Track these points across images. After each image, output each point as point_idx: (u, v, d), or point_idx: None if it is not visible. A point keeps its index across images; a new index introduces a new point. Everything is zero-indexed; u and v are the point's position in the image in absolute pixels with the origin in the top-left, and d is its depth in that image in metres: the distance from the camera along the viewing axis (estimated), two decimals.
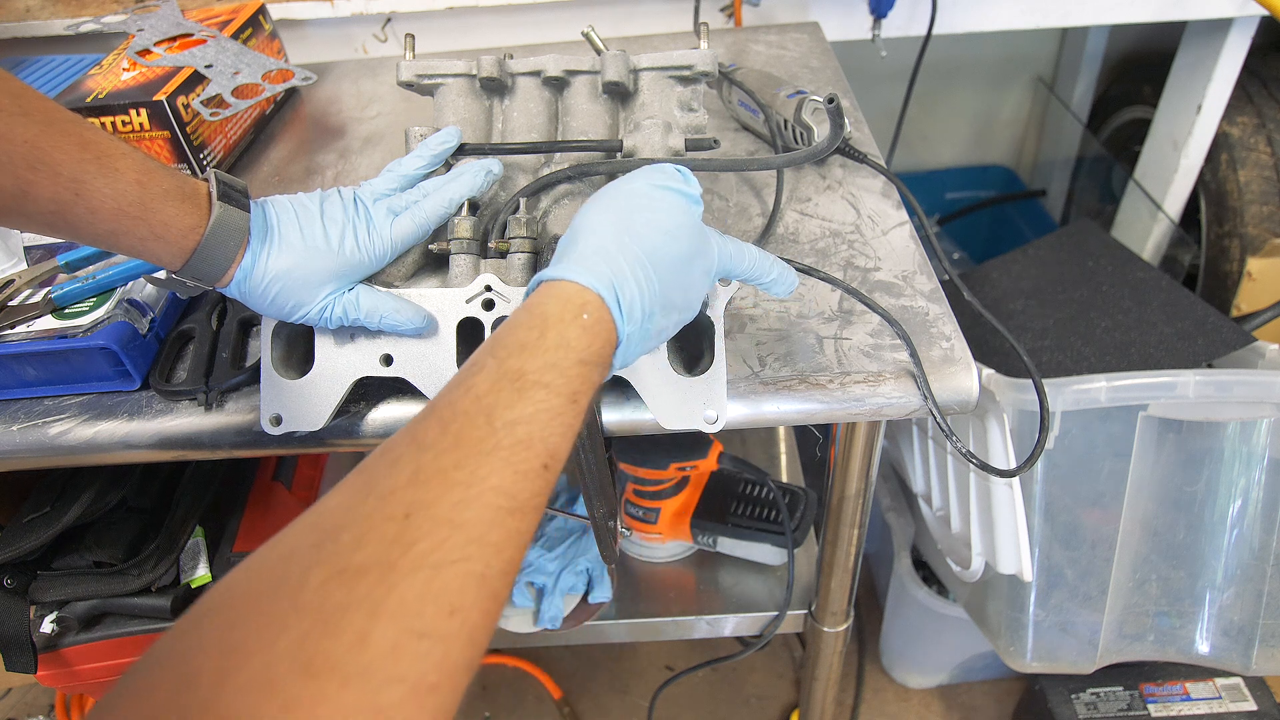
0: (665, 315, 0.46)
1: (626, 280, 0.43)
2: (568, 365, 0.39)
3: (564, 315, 0.41)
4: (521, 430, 0.36)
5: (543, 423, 0.37)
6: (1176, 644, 0.97)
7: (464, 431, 0.36)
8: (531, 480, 0.36)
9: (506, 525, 0.34)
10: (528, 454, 0.36)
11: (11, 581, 0.78)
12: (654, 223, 0.46)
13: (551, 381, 0.38)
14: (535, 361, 0.39)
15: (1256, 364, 0.96)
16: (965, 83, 1.73)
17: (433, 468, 0.34)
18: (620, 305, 0.42)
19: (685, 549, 1.00)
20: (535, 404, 0.37)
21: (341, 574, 0.30)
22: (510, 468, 0.35)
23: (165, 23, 0.93)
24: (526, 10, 1.14)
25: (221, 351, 0.64)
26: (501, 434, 0.36)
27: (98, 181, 0.47)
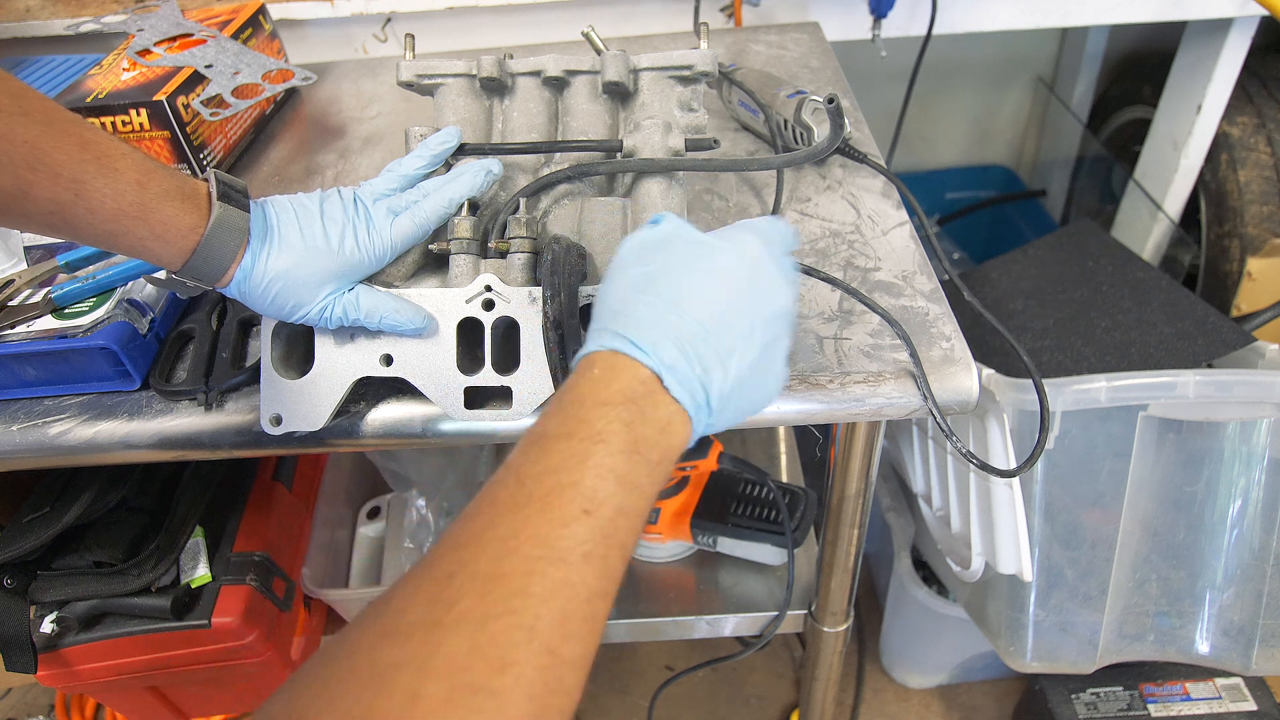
0: (730, 334, 0.43)
1: (629, 324, 0.41)
2: (584, 411, 0.39)
3: (576, 378, 0.41)
4: (550, 480, 0.36)
5: (570, 468, 0.37)
6: (1176, 644, 0.97)
7: (497, 495, 0.36)
8: (570, 527, 0.35)
9: (549, 575, 0.33)
10: (560, 501, 0.35)
11: (11, 581, 0.78)
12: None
13: (572, 431, 0.38)
14: (554, 420, 0.39)
15: (1256, 364, 0.96)
16: (965, 83, 1.73)
17: (470, 531, 0.35)
18: (638, 347, 0.41)
19: (685, 549, 1.00)
20: (559, 454, 0.37)
21: (391, 636, 0.31)
22: (544, 517, 0.35)
23: (165, 23, 0.93)
24: (526, 10, 1.14)
25: (221, 351, 0.64)
26: (531, 486, 0.36)
27: (97, 182, 0.47)
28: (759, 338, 0.43)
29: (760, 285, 0.44)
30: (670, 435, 0.40)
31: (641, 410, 0.39)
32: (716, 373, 0.41)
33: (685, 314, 0.41)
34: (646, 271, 0.44)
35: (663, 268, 0.44)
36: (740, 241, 0.45)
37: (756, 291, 0.44)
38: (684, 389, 0.40)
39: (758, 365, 0.44)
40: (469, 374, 0.56)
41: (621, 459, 0.38)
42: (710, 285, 0.43)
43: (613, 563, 0.36)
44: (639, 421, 0.39)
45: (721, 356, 0.42)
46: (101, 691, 0.87)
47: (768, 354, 0.44)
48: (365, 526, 1.04)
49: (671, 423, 0.40)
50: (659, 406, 0.40)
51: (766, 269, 0.45)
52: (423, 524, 0.96)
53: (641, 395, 0.40)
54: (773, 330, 0.45)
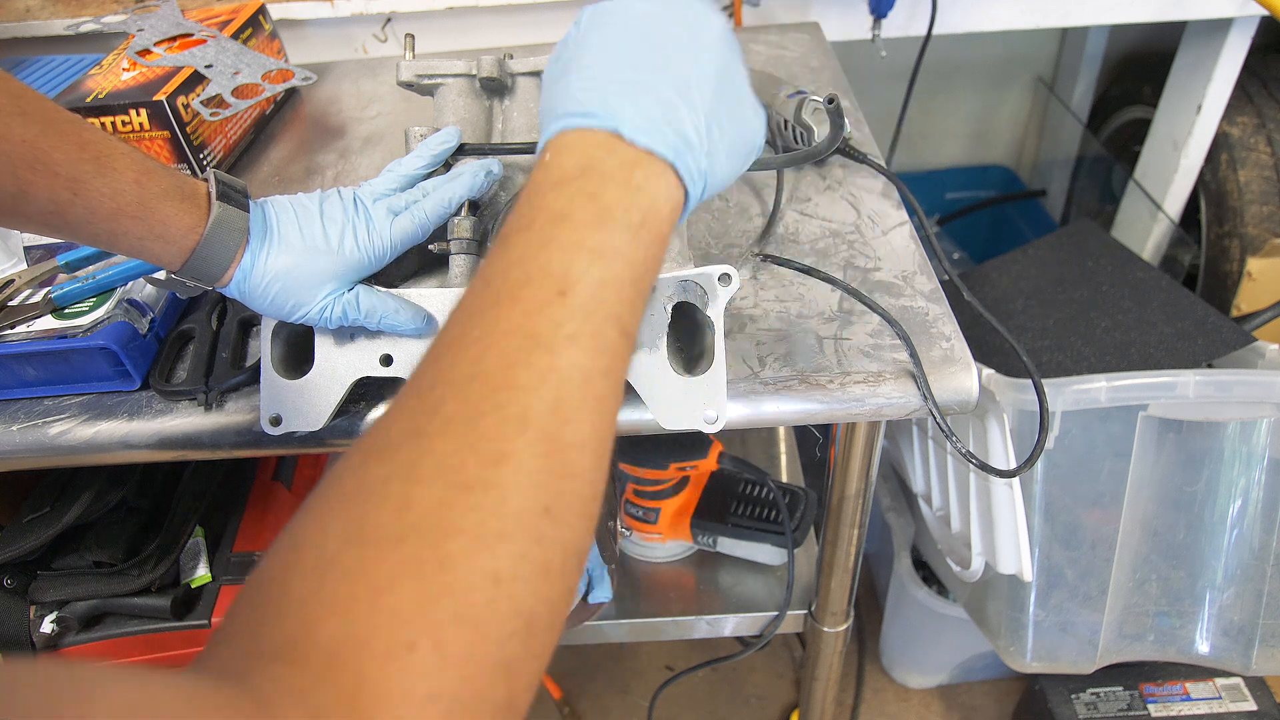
0: (675, 68, 0.39)
1: (575, 96, 0.38)
2: (539, 199, 0.36)
3: (540, 158, 0.38)
4: (516, 272, 0.34)
5: (534, 255, 0.34)
6: (1176, 644, 0.97)
7: (467, 302, 0.35)
8: (546, 311, 0.33)
9: (533, 364, 0.31)
10: (530, 289, 0.33)
11: (11, 581, 0.78)
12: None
13: (530, 220, 0.35)
14: (512, 221, 0.36)
15: (1256, 364, 0.96)
16: (965, 83, 1.73)
17: (444, 341, 0.33)
18: (582, 115, 0.37)
19: (685, 549, 1.00)
20: (519, 247, 0.35)
21: (378, 454, 0.30)
22: (516, 309, 0.33)
23: (165, 23, 0.93)
24: (526, 10, 1.14)
25: (221, 351, 0.64)
26: (498, 285, 0.34)
27: (96, 181, 0.47)
28: (711, 64, 0.40)
29: (686, 18, 0.41)
30: (646, 192, 0.37)
31: (605, 174, 0.36)
32: (680, 109, 0.38)
33: (623, 66, 0.38)
34: (565, 57, 0.41)
35: (578, 43, 0.41)
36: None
37: (684, 25, 0.41)
38: (649, 135, 0.37)
39: (721, 95, 0.40)
40: None
41: (590, 230, 0.35)
42: (635, 35, 0.40)
43: (606, 338, 0.34)
44: (605, 188, 0.36)
45: (677, 89, 0.38)
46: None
47: (726, 83, 0.41)
48: None
49: (648, 178, 0.37)
50: (627, 165, 0.37)
51: (682, 3, 0.42)
52: None
53: (601, 160, 0.36)
54: (720, 56, 0.41)
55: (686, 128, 0.38)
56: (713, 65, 0.41)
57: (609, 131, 0.37)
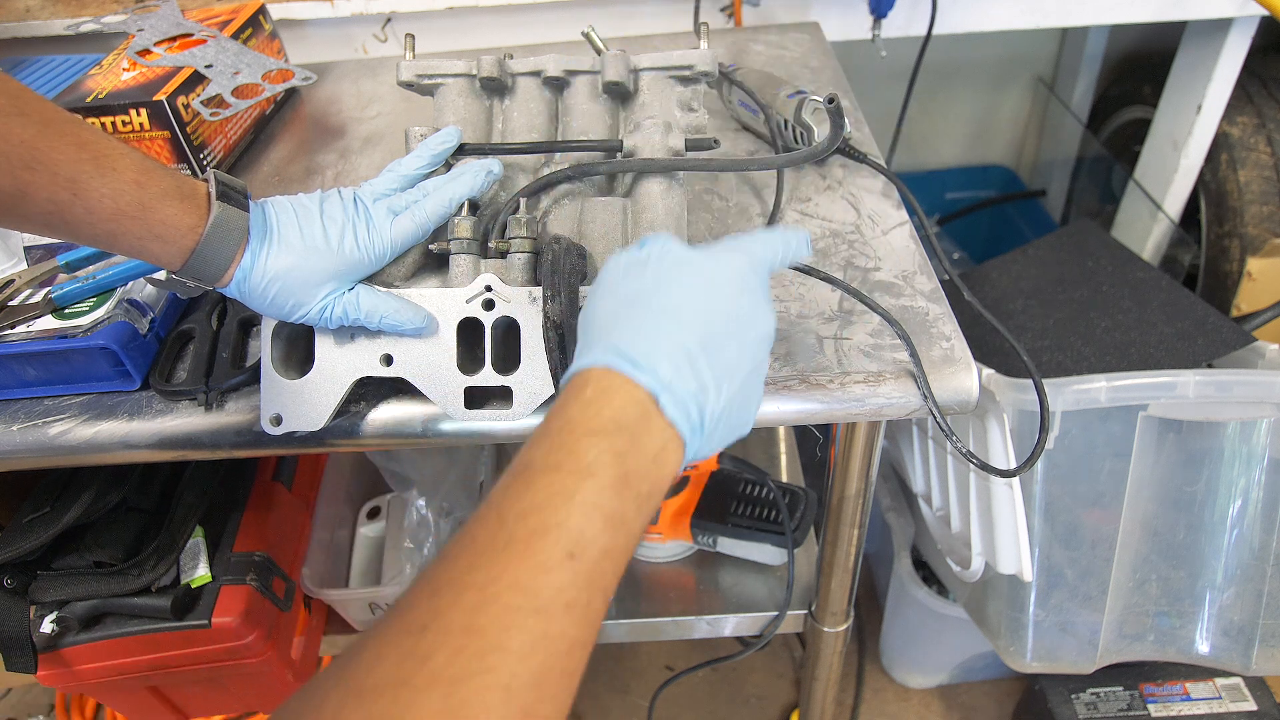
0: (721, 357, 0.41)
1: (626, 335, 0.39)
2: (573, 441, 0.36)
3: (566, 399, 0.39)
4: (533, 519, 0.34)
5: (555, 506, 0.34)
6: (1176, 644, 0.97)
7: (476, 535, 0.34)
8: (553, 573, 0.33)
9: (528, 628, 0.31)
10: (543, 544, 0.33)
11: (11, 581, 0.78)
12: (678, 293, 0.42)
13: (559, 463, 0.36)
14: (540, 449, 0.37)
15: (1256, 364, 0.96)
16: (965, 83, 1.73)
17: (446, 575, 0.33)
18: (634, 363, 0.38)
19: (685, 549, 1.00)
20: (544, 490, 0.35)
21: (358, 695, 0.29)
22: (525, 562, 0.33)
23: (165, 23, 0.93)
24: (526, 10, 1.14)
25: (221, 351, 0.64)
26: (513, 526, 0.34)
27: (95, 181, 0.47)
28: (748, 359, 0.42)
29: (747, 306, 0.43)
30: (662, 465, 0.38)
31: (635, 438, 0.37)
32: (711, 393, 0.40)
33: (683, 326, 0.40)
34: (637, 288, 0.42)
35: (653, 283, 0.42)
36: (728, 261, 0.44)
37: (744, 312, 0.43)
38: (680, 411, 0.38)
39: (745, 388, 0.42)
40: (469, 374, 0.56)
41: (610, 494, 0.35)
42: (704, 301, 0.41)
43: (595, 609, 0.34)
44: (631, 451, 0.37)
45: (716, 375, 0.40)
46: (101, 691, 0.87)
47: (753, 377, 0.43)
48: (365, 526, 1.04)
49: (665, 450, 0.38)
50: (653, 432, 0.38)
51: (753, 291, 0.44)
52: (423, 524, 0.96)
53: (635, 420, 0.37)
54: (758, 353, 0.43)
55: (708, 414, 0.40)
56: (751, 361, 0.42)
57: (650, 394, 0.38)
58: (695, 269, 0.43)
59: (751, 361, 0.42)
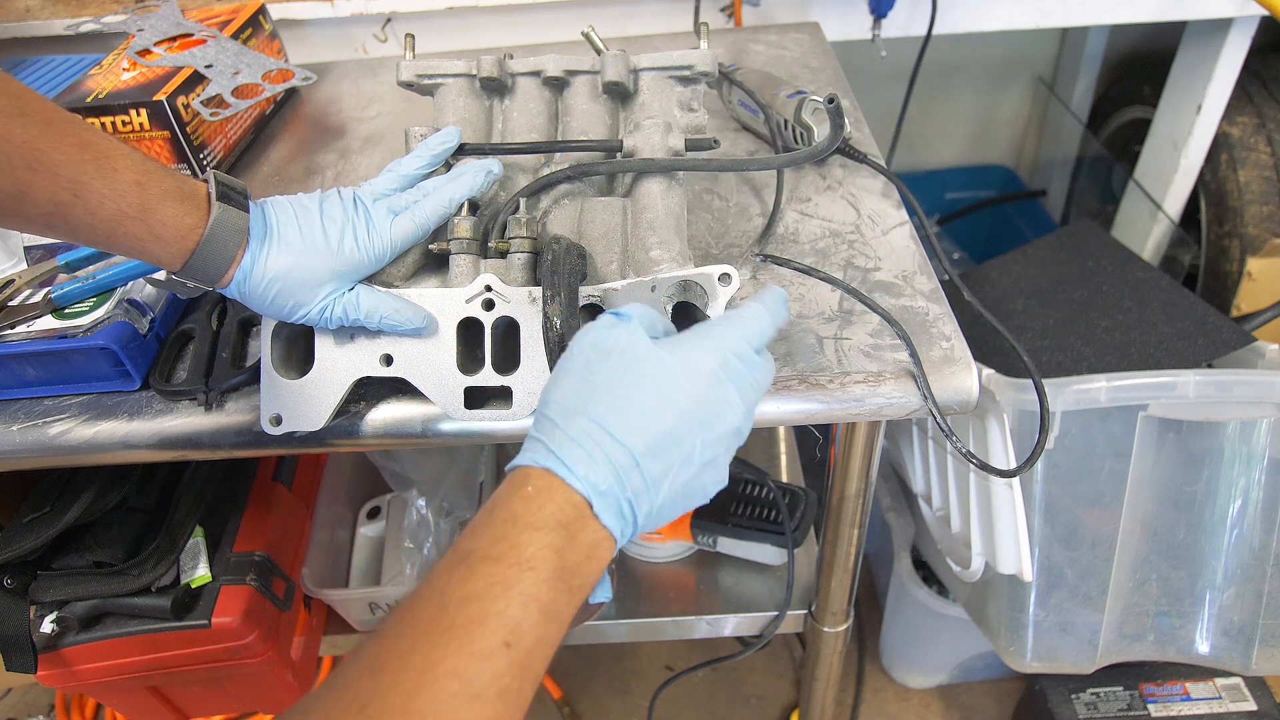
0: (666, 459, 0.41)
1: (565, 444, 0.40)
2: (516, 534, 0.38)
3: (509, 492, 0.40)
4: (474, 607, 0.35)
5: (495, 595, 0.36)
6: (1176, 644, 0.97)
7: (419, 616, 0.35)
8: (490, 661, 0.34)
9: (464, 714, 0.32)
10: (481, 631, 0.34)
11: (11, 581, 0.78)
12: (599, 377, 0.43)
13: (502, 554, 0.37)
14: (484, 538, 0.38)
15: (1256, 364, 0.96)
16: (965, 83, 1.73)
17: (389, 654, 0.34)
18: (571, 471, 0.40)
19: (685, 549, 1.00)
20: (485, 578, 0.36)
21: None
22: (464, 648, 0.34)
23: (165, 23, 0.93)
24: (526, 10, 1.14)
25: (221, 351, 0.64)
26: (454, 612, 0.35)
27: (96, 182, 0.47)
28: (699, 457, 0.42)
29: (709, 407, 0.43)
30: (594, 560, 0.40)
31: (571, 535, 0.39)
32: (646, 496, 0.41)
33: (620, 440, 0.40)
34: (591, 382, 0.42)
35: (606, 383, 0.42)
36: (698, 358, 0.43)
37: (704, 414, 0.42)
38: (613, 515, 0.40)
39: (692, 482, 0.43)
40: (469, 374, 0.56)
41: (547, 587, 0.37)
42: (652, 408, 0.41)
43: (525, 694, 0.36)
44: (568, 547, 0.38)
45: (654, 481, 0.41)
46: (101, 691, 0.87)
47: (707, 469, 0.43)
48: (365, 526, 1.04)
49: (598, 547, 0.40)
50: (587, 531, 0.40)
51: (719, 389, 0.43)
52: (423, 524, 0.96)
53: (572, 520, 0.39)
54: (716, 449, 0.43)
55: (645, 512, 0.41)
56: (708, 454, 0.43)
57: (585, 498, 0.39)
58: (658, 367, 0.43)
59: (708, 454, 0.43)
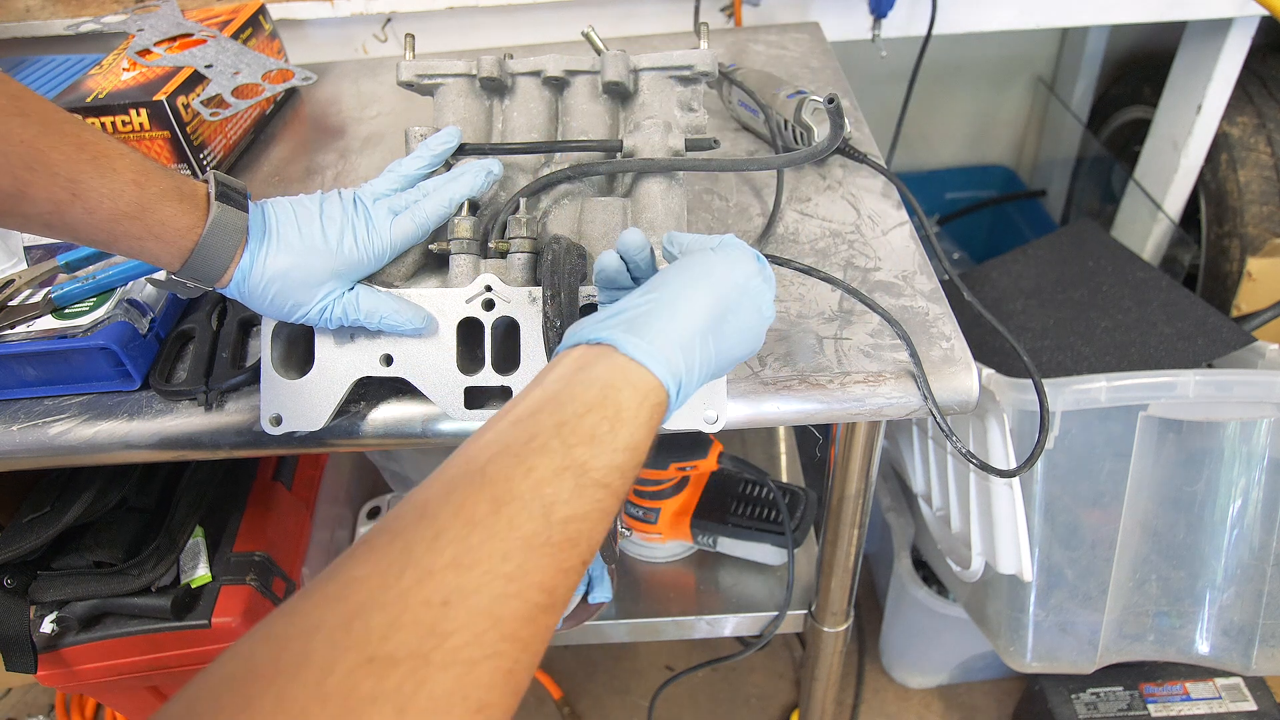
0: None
1: (693, 383, 0.43)
2: (630, 468, 0.38)
3: (639, 415, 0.39)
4: (574, 528, 0.35)
5: (594, 522, 0.36)
6: (1176, 644, 0.97)
7: (518, 519, 0.34)
8: (570, 577, 0.35)
9: (540, 622, 0.33)
10: (573, 552, 0.35)
11: (11, 581, 0.78)
12: (743, 330, 0.46)
13: (612, 483, 0.37)
14: (602, 459, 0.37)
15: (1256, 364, 0.96)
16: (965, 83, 1.73)
17: (479, 552, 0.32)
18: (678, 399, 0.42)
19: (685, 549, 1.00)
20: (593, 503, 0.36)
21: (371, 662, 0.28)
22: (555, 564, 0.34)
23: (165, 23, 0.93)
24: (526, 10, 1.14)
25: (221, 351, 0.64)
26: (555, 530, 0.34)
27: (95, 182, 0.47)
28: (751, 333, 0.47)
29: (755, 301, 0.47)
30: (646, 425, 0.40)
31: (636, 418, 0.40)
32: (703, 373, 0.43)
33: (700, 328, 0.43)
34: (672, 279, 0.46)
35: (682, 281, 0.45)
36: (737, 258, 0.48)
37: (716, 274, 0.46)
38: (676, 385, 0.42)
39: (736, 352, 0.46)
40: (469, 374, 0.56)
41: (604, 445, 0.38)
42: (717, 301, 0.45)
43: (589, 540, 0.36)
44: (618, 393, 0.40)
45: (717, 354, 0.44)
46: (101, 691, 0.87)
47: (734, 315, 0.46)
48: (365, 526, 1.04)
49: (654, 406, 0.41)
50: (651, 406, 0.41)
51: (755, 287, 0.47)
52: None
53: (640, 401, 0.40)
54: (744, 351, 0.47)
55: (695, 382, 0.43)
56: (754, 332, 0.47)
57: (661, 383, 0.41)
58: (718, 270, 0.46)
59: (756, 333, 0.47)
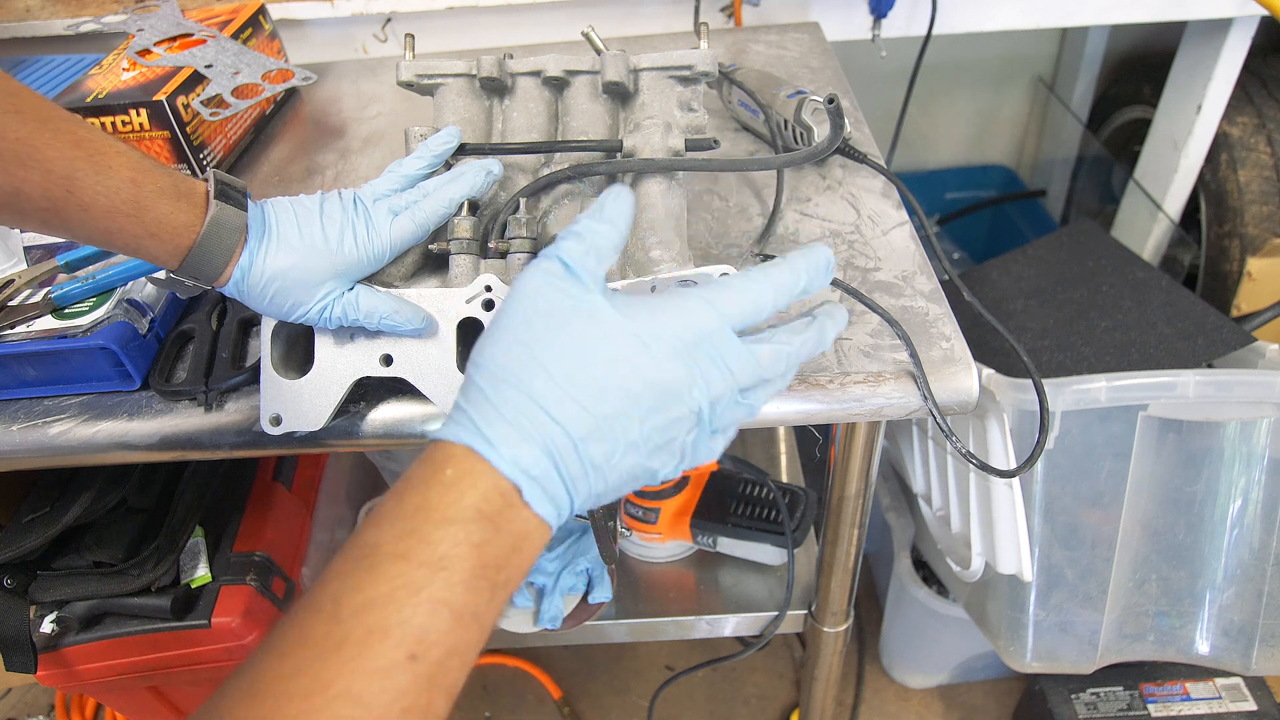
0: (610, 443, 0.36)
1: (493, 419, 0.36)
2: (428, 529, 0.33)
3: (426, 475, 0.35)
4: (375, 616, 0.31)
5: (400, 602, 0.31)
6: (1176, 644, 0.97)
7: (308, 629, 0.31)
8: (393, 678, 0.30)
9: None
10: (383, 645, 0.30)
11: (11, 581, 0.78)
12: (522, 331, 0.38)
13: (410, 551, 0.32)
14: (389, 531, 0.33)
15: (1256, 364, 0.96)
16: (965, 83, 1.73)
17: (271, 676, 0.29)
18: (499, 453, 0.35)
19: (685, 549, 1.00)
20: (388, 581, 0.32)
21: None
22: (361, 664, 0.30)
23: (165, 23, 0.93)
24: (526, 10, 1.14)
25: (221, 351, 0.64)
26: (350, 624, 0.30)
27: (90, 179, 0.47)
28: (649, 442, 0.37)
29: (665, 388, 0.37)
30: (523, 552, 0.35)
31: (496, 527, 0.34)
32: (585, 482, 0.36)
33: (557, 420, 0.35)
34: (528, 346, 0.37)
35: (545, 349, 0.36)
36: (658, 328, 0.37)
37: (658, 397, 0.37)
38: (546, 502, 0.36)
39: (640, 465, 0.38)
40: None
41: (463, 589, 0.33)
42: (597, 384, 0.36)
43: (437, 711, 0.31)
44: (491, 541, 0.34)
45: (595, 466, 0.36)
46: (101, 691, 0.87)
47: (658, 453, 0.38)
48: None
49: (528, 538, 0.36)
50: (515, 521, 0.35)
51: (678, 369, 0.37)
52: None
53: (498, 509, 0.35)
54: (672, 433, 0.38)
55: (579, 499, 0.37)
56: (665, 435, 0.38)
57: (515, 486, 0.35)
58: (609, 334, 0.37)
59: (661, 438, 0.38)
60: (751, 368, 0.39)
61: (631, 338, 0.37)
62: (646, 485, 0.40)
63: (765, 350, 0.40)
